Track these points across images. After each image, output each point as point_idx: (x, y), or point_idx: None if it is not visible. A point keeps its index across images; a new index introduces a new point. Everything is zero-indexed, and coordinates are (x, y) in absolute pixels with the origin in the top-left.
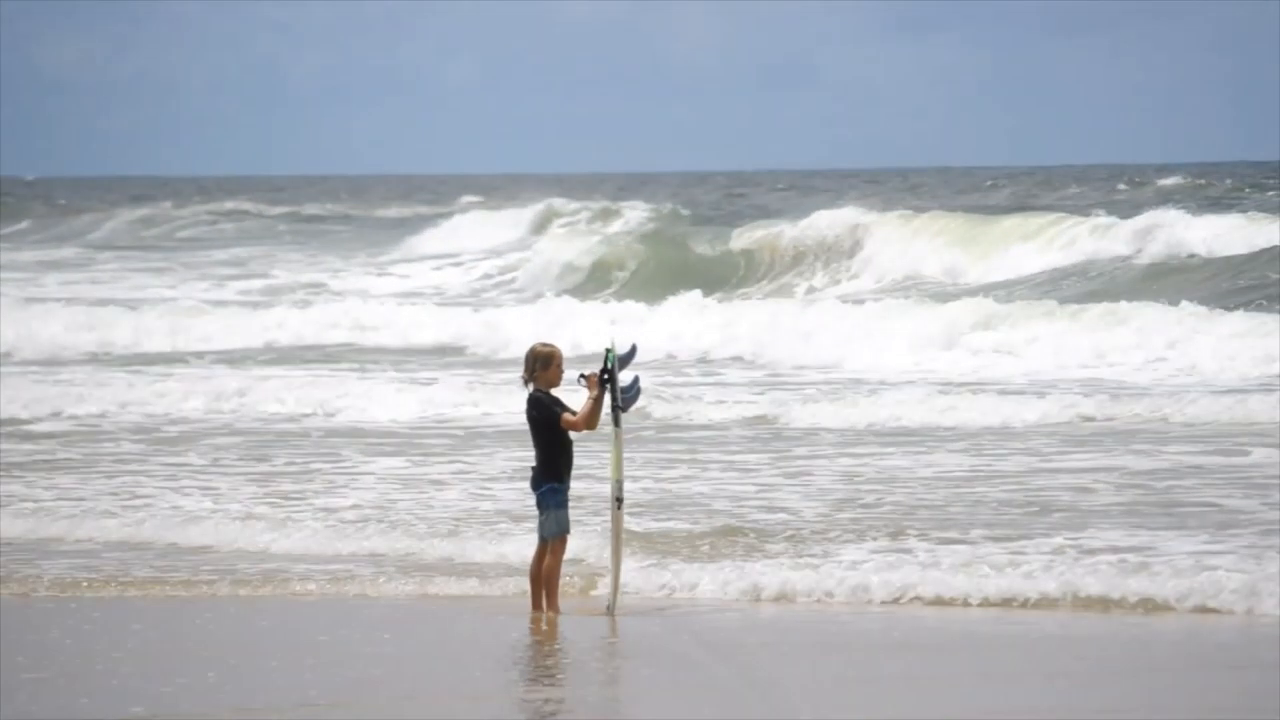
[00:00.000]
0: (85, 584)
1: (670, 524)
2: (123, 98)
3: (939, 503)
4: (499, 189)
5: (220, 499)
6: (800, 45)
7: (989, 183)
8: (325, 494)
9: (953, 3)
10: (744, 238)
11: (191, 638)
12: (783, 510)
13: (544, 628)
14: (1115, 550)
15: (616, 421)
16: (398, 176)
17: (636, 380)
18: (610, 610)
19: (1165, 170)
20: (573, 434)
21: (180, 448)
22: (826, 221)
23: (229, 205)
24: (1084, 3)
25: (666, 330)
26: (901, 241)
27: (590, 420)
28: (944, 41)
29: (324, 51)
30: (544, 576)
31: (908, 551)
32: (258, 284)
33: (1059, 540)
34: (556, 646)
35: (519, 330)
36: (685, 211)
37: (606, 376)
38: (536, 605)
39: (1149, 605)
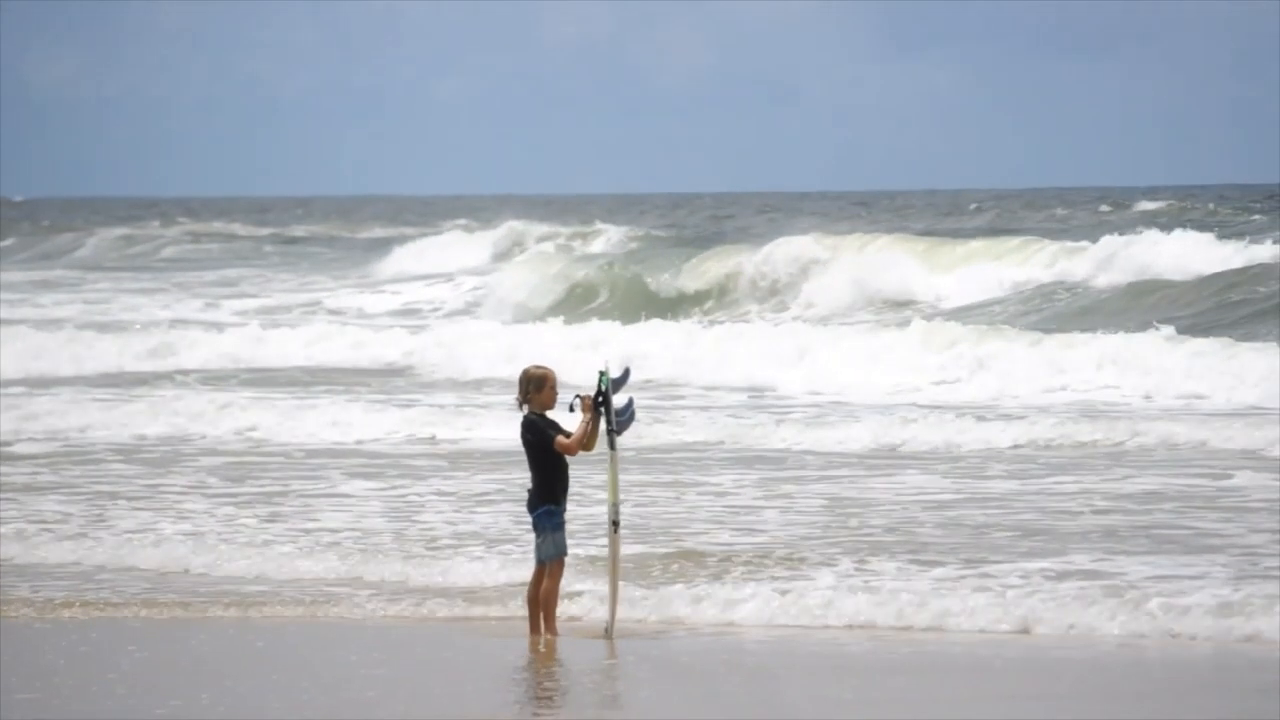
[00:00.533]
0: (78, 605)
1: (646, 548)
2: (112, 119)
3: (920, 525)
4: (485, 210)
5: (201, 521)
6: (795, 65)
7: (973, 206)
8: (310, 516)
9: (954, 22)
10: (705, 264)
11: (185, 659)
12: (763, 532)
13: (542, 650)
14: (1096, 576)
15: (612, 445)
16: (385, 197)
17: (631, 403)
18: (608, 633)
19: (1153, 193)
20: (568, 457)
21: (161, 469)
22: (785, 250)
23: (215, 226)
24: (1090, 23)
25: (628, 354)
26: (859, 267)
27: (587, 443)
28: (943, 61)
29: (312, 72)
30: (541, 599)
31: (892, 576)
32: (251, 304)
33: (1041, 565)
34: (555, 669)
35: (473, 351)
36: (660, 234)
37: (601, 400)
38: (534, 629)
39: (1125, 632)
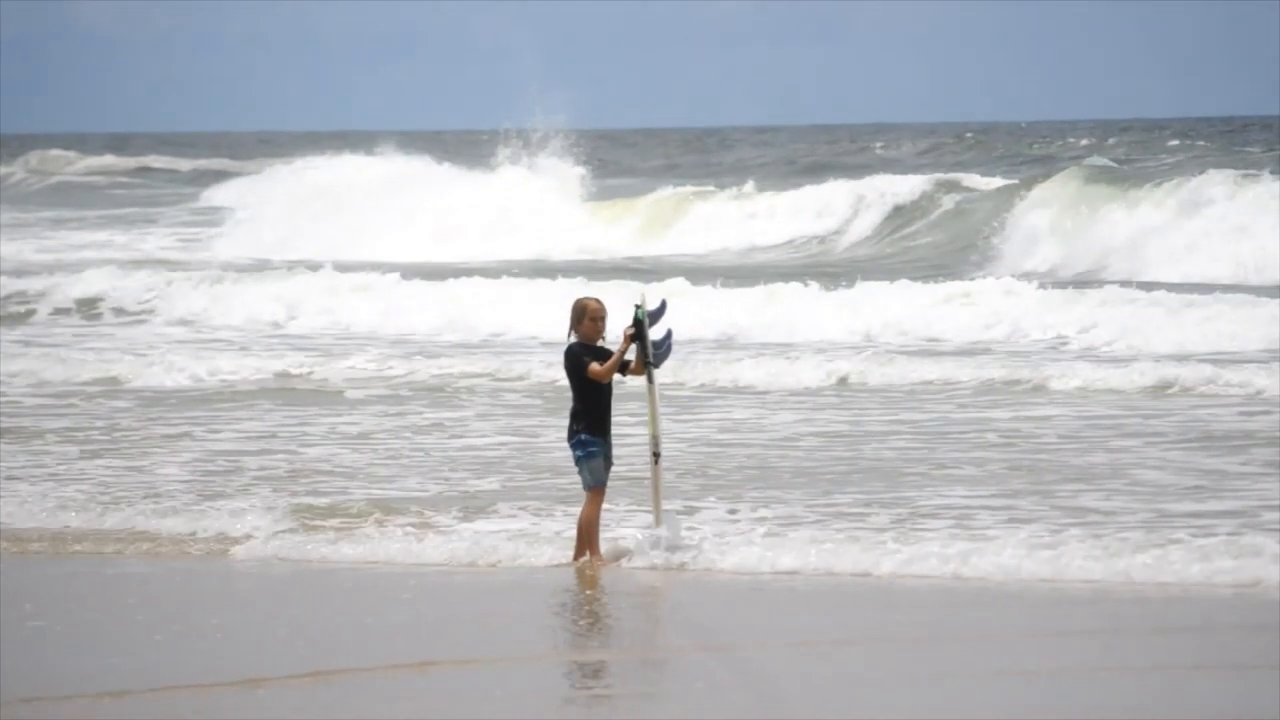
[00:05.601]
0: None
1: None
2: (147, 54)
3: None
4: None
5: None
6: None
7: (969, 135)
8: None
9: None
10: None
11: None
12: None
13: (588, 574)
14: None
15: (649, 377)
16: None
17: (669, 335)
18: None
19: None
20: (614, 387)
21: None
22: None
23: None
24: None
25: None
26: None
27: (635, 369)
28: None
29: (347, 8)
30: (581, 526)
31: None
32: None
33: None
34: (595, 595)
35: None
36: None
37: (636, 332)
38: (576, 555)
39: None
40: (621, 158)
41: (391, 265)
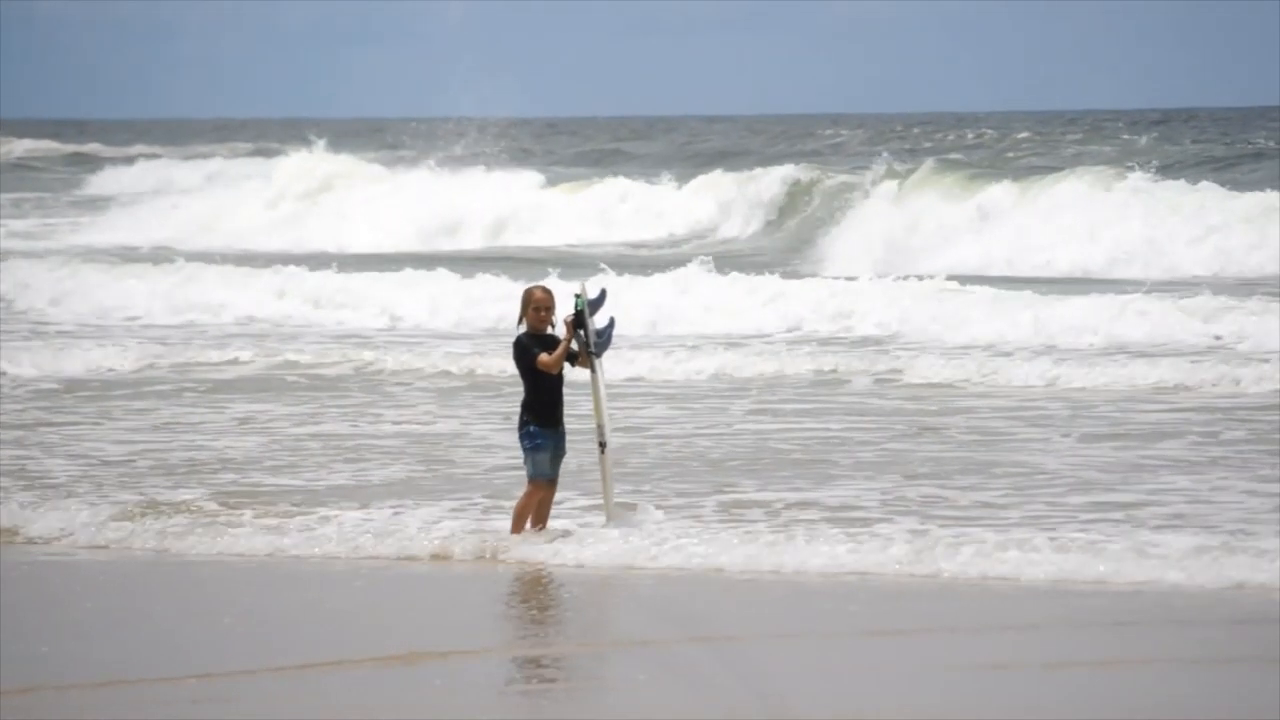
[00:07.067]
0: None
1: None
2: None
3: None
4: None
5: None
6: None
7: (915, 128)
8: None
9: None
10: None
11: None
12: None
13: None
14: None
15: (592, 367)
16: (376, 120)
17: (612, 323)
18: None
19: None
20: (567, 377)
21: None
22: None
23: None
24: None
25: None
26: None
27: (583, 361)
28: None
29: None
30: (515, 512)
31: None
32: None
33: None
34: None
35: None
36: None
37: (577, 321)
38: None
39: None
40: (554, 145)
41: (275, 255)
